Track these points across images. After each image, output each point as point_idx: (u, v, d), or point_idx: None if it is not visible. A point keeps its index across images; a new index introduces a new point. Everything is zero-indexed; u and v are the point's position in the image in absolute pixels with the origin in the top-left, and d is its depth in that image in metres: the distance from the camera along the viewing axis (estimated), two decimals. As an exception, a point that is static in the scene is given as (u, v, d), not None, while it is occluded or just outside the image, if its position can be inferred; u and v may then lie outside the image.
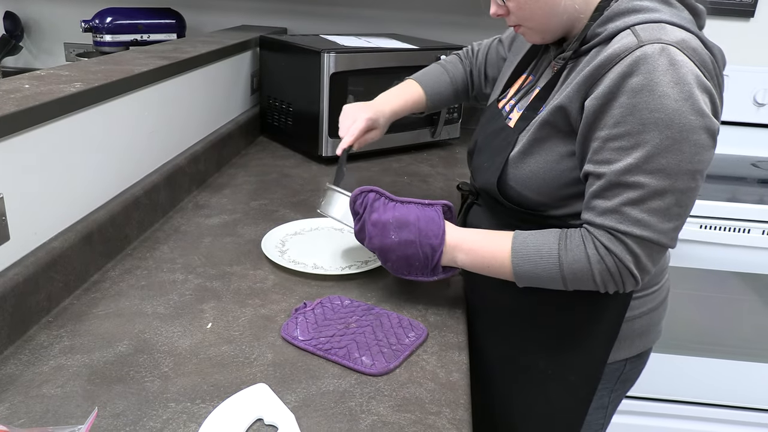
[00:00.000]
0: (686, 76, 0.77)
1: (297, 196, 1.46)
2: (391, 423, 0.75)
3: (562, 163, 0.88)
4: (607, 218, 0.82)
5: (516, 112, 0.98)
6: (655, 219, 0.80)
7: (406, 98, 1.24)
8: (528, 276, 0.88)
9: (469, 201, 1.13)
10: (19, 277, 0.86)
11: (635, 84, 0.78)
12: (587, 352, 0.98)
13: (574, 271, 0.85)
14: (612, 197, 0.81)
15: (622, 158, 0.80)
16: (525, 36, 0.96)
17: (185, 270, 1.08)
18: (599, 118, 0.81)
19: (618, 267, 0.83)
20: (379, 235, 0.93)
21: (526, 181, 0.91)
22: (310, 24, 2.20)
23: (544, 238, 0.87)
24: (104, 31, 1.96)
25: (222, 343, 0.89)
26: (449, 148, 1.94)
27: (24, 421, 0.72)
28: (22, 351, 0.85)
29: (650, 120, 0.77)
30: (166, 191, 1.30)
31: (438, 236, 0.91)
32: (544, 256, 0.86)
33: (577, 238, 0.85)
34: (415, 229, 0.91)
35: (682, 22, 0.81)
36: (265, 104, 1.89)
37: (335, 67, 1.60)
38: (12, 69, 2.28)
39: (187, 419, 0.74)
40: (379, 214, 0.93)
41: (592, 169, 0.83)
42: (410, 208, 0.93)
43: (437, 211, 0.93)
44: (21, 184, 0.89)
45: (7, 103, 0.88)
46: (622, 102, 0.79)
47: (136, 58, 1.33)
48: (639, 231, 0.81)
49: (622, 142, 0.80)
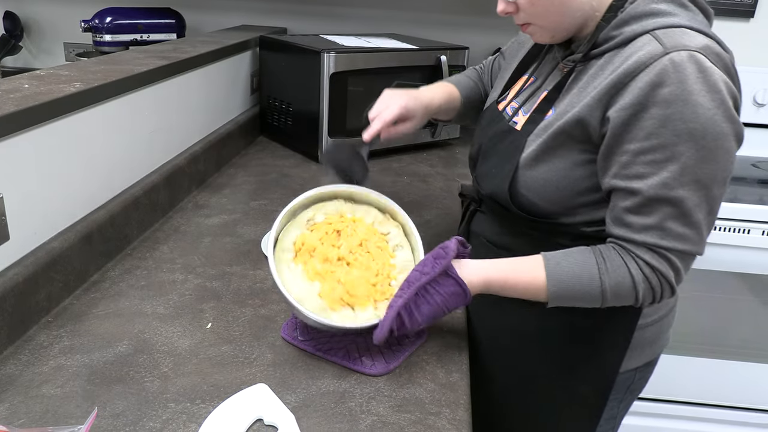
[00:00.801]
0: (717, 83, 0.75)
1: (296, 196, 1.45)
2: (391, 423, 0.75)
3: (576, 171, 0.85)
4: (649, 235, 0.79)
5: (522, 116, 0.95)
6: (695, 231, 0.79)
7: (446, 94, 1.15)
8: (565, 301, 0.85)
9: (473, 208, 1.08)
10: (19, 277, 0.86)
11: (667, 94, 0.74)
12: (599, 362, 0.96)
13: (617, 293, 0.82)
14: (650, 213, 0.78)
15: (656, 172, 0.77)
16: (533, 36, 0.91)
17: (185, 270, 1.08)
18: (627, 131, 0.78)
19: (661, 283, 0.81)
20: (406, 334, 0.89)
21: (537, 188, 0.88)
22: (310, 24, 2.20)
23: (579, 262, 0.83)
24: (104, 30, 1.96)
25: (222, 343, 0.89)
26: (449, 148, 1.94)
27: (24, 421, 0.72)
28: (21, 351, 0.84)
29: (684, 131, 0.74)
30: (166, 191, 1.29)
31: (465, 301, 0.85)
32: (585, 283, 0.82)
33: (617, 259, 0.82)
34: (443, 313, 0.84)
35: (701, 27, 0.79)
36: (264, 104, 1.89)
37: (335, 67, 1.60)
38: (11, 69, 2.28)
39: (187, 419, 0.74)
40: (407, 328, 0.83)
41: (623, 185, 0.79)
42: (433, 299, 0.83)
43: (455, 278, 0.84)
44: (21, 184, 0.89)
45: (7, 103, 0.88)
46: (654, 113, 0.75)
47: (136, 58, 1.33)
48: (682, 246, 0.79)
49: (656, 155, 0.76)
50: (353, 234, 0.93)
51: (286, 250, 0.90)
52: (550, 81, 0.94)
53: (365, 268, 0.89)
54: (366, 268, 0.89)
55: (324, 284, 0.87)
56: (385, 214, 0.99)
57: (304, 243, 0.91)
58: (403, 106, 1.04)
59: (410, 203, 1.46)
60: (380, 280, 0.89)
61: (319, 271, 0.88)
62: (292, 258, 0.90)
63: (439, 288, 0.83)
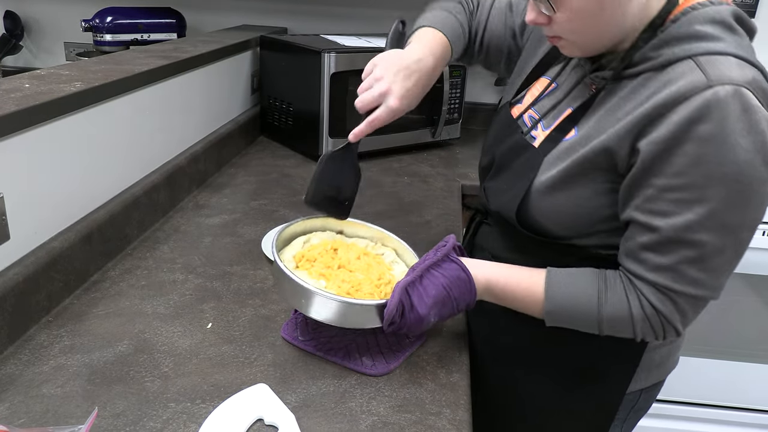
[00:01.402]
0: (759, 123, 0.68)
1: (297, 196, 1.45)
2: (391, 423, 0.75)
3: (597, 200, 0.80)
4: (661, 275, 0.75)
5: (541, 131, 0.88)
6: (712, 277, 0.74)
7: (441, 58, 0.97)
8: (560, 322, 0.83)
9: (478, 219, 1.03)
10: (19, 276, 0.86)
11: (704, 132, 0.68)
12: (606, 384, 0.92)
13: (614, 325, 0.80)
14: (667, 253, 0.74)
15: (681, 212, 0.72)
16: (562, 49, 0.82)
17: (185, 270, 1.08)
18: (657, 164, 0.72)
19: (663, 324, 0.78)
20: (419, 325, 0.81)
21: (550, 214, 0.83)
22: (311, 24, 2.20)
23: (581, 285, 0.80)
24: (104, 30, 1.96)
25: (222, 343, 0.89)
26: (449, 148, 1.94)
27: (24, 420, 0.72)
28: (22, 351, 0.84)
29: (717, 174, 0.69)
30: (166, 191, 1.29)
31: (471, 292, 0.83)
32: (582, 307, 0.80)
33: (620, 291, 0.79)
34: (450, 301, 0.82)
35: (747, 55, 0.72)
36: (265, 104, 1.89)
37: (335, 67, 1.60)
38: (12, 68, 2.28)
39: (188, 419, 0.74)
40: (417, 312, 0.80)
41: (643, 219, 0.75)
42: (438, 281, 0.82)
43: (457, 263, 0.84)
44: (21, 184, 0.89)
45: (7, 103, 0.88)
46: (688, 150, 0.69)
47: (137, 58, 1.33)
48: (694, 291, 0.75)
49: (683, 194, 0.71)
50: (350, 250, 0.93)
51: (287, 260, 0.90)
52: (575, 97, 0.86)
53: (367, 273, 0.89)
54: (368, 273, 0.89)
55: (329, 282, 0.86)
56: (376, 243, 1.00)
57: (303, 256, 0.91)
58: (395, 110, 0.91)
59: (411, 203, 1.46)
60: (383, 281, 0.88)
61: (323, 272, 0.88)
62: (294, 267, 0.89)
63: (442, 271, 0.83)
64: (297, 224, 0.96)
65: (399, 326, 0.81)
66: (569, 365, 0.93)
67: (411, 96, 0.92)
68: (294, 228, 0.96)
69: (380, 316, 0.81)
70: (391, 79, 0.90)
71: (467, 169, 1.74)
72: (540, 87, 0.94)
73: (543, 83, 0.94)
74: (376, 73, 0.91)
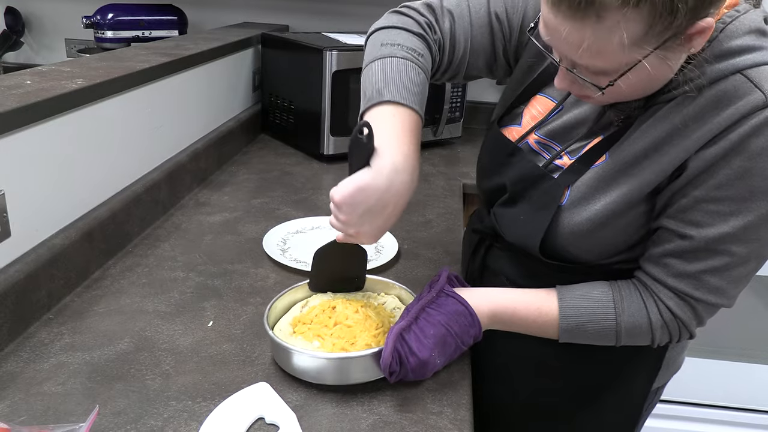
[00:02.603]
0: None
1: (298, 194, 1.45)
2: (392, 423, 0.75)
3: (636, 223, 0.76)
4: (682, 282, 0.74)
5: (567, 160, 0.81)
6: (732, 286, 0.74)
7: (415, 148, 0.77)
8: (576, 339, 0.81)
9: (488, 243, 0.96)
10: (20, 274, 0.86)
11: (756, 146, 0.67)
12: (627, 387, 0.90)
13: (632, 334, 0.78)
14: (693, 261, 0.73)
15: (716, 224, 0.70)
16: (589, 101, 0.76)
17: (186, 268, 1.08)
18: (700, 177, 0.70)
19: (679, 329, 0.77)
20: (423, 370, 0.77)
21: (591, 247, 0.79)
22: (312, 21, 2.20)
23: (595, 299, 0.78)
24: (106, 27, 1.95)
25: (223, 341, 0.89)
26: (451, 147, 1.94)
27: (24, 418, 0.72)
28: (22, 348, 0.84)
29: (762, 188, 0.68)
30: (167, 188, 1.29)
31: (474, 325, 0.80)
32: (599, 321, 0.77)
33: (636, 299, 0.77)
34: (452, 338, 0.78)
35: None
36: (266, 102, 1.89)
37: (337, 65, 1.59)
38: (13, 65, 2.27)
39: (188, 418, 0.74)
40: (417, 356, 0.75)
41: (674, 227, 0.73)
42: (435, 319, 0.78)
43: (454, 297, 0.80)
44: (22, 181, 0.89)
45: (9, 99, 0.88)
46: (734, 164, 0.68)
47: (138, 55, 1.33)
48: (714, 299, 0.74)
49: (721, 207, 0.70)
50: (348, 306, 0.86)
51: (284, 327, 0.85)
52: (602, 127, 0.80)
53: (364, 325, 0.83)
54: (365, 325, 0.83)
55: (324, 342, 0.81)
56: (379, 294, 0.94)
57: (300, 320, 0.85)
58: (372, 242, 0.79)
59: (412, 203, 1.44)
60: (381, 330, 0.82)
61: (319, 333, 0.82)
62: (290, 333, 0.84)
63: (439, 308, 0.79)
64: (295, 290, 0.91)
65: (401, 375, 0.77)
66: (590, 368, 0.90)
67: (386, 228, 0.76)
68: (293, 294, 0.91)
69: (378, 365, 0.77)
70: (356, 223, 0.74)
71: (468, 168, 1.73)
72: (540, 108, 0.87)
73: (543, 103, 0.87)
74: (341, 217, 0.75)
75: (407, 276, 1.10)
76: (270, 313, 0.86)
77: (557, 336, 0.81)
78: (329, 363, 0.78)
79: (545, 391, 0.94)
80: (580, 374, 0.91)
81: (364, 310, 0.85)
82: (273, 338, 0.81)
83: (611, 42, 0.62)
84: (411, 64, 0.80)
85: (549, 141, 0.84)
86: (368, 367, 0.78)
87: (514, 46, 0.89)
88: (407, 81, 0.78)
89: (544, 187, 0.81)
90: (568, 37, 0.64)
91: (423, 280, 1.03)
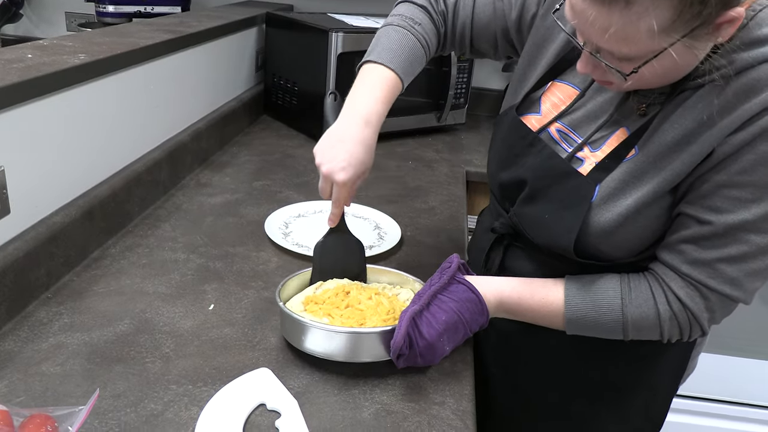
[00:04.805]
0: None
1: (300, 178, 1.44)
2: (394, 412, 0.75)
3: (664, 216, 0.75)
4: (696, 269, 0.72)
5: (589, 153, 0.79)
6: (749, 279, 0.72)
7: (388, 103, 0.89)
8: (583, 331, 0.80)
9: (506, 243, 0.93)
10: (19, 251, 0.85)
11: None
12: (654, 390, 0.88)
13: (639, 327, 0.77)
14: (710, 248, 0.71)
15: (736, 210, 0.69)
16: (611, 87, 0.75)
17: (187, 249, 1.07)
18: (723, 162, 0.69)
19: (690, 322, 0.75)
20: (431, 354, 0.78)
21: (622, 243, 0.77)
22: (317, 2, 2.16)
23: (602, 290, 0.77)
24: (107, 1, 1.92)
25: (224, 325, 0.88)
26: (455, 134, 1.92)
27: (23, 399, 0.71)
28: (20, 327, 0.83)
29: None
30: (168, 168, 1.27)
31: (483, 313, 0.80)
32: (604, 313, 0.76)
33: (645, 289, 0.76)
34: (462, 325, 0.79)
35: None
36: (269, 82, 1.86)
37: (342, 47, 1.57)
38: (12, 37, 2.24)
39: (189, 402, 0.73)
40: (427, 340, 0.76)
41: (692, 212, 0.71)
42: (447, 306, 0.78)
43: (465, 284, 0.81)
44: (22, 157, 0.87)
45: (10, 74, 0.86)
46: (759, 149, 0.66)
47: (141, 31, 1.31)
48: (729, 290, 0.72)
49: (742, 193, 0.68)
50: (363, 292, 0.86)
51: (295, 304, 0.85)
52: (624, 113, 0.78)
53: (376, 310, 0.83)
54: (377, 310, 0.83)
55: (333, 320, 0.81)
56: (395, 286, 0.93)
57: (312, 299, 0.85)
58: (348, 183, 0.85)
59: (415, 189, 1.44)
60: (392, 316, 0.82)
61: (329, 312, 0.82)
62: (301, 311, 0.84)
63: (451, 294, 0.79)
64: (309, 272, 0.91)
65: (409, 359, 0.77)
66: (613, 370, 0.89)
67: (356, 158, 0.84)
68: (307, 275, 0.91)
69: (387, 346, 0.77)
70: (328, 159, 0.85)
71: (472, 156, 1.72)
72: (561, 95, 0.85)
73: (564, 91, 0.84)
74: (317, 162, 0.86)
75: (410, 263, 1.09)
76: (282, 290, 0.86)
77: (563, 326, 0.80)
78: (341, 337, 0.77)
79: (552, 388, 0.94)
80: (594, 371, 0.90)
81: (378, 297, 0.85)
82: (284, 310, 0.81)
83: (638, 28, 0.61)
84: (404, 32, 0.91)
85: (570, 130, 0.82)
86: (378, 346, 0.78)
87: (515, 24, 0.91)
88: (392, 45, 0.90)
89: (572, 185, 0.78)
90: (595, 21, 0.62)
91: (426, 266, 1.02)
